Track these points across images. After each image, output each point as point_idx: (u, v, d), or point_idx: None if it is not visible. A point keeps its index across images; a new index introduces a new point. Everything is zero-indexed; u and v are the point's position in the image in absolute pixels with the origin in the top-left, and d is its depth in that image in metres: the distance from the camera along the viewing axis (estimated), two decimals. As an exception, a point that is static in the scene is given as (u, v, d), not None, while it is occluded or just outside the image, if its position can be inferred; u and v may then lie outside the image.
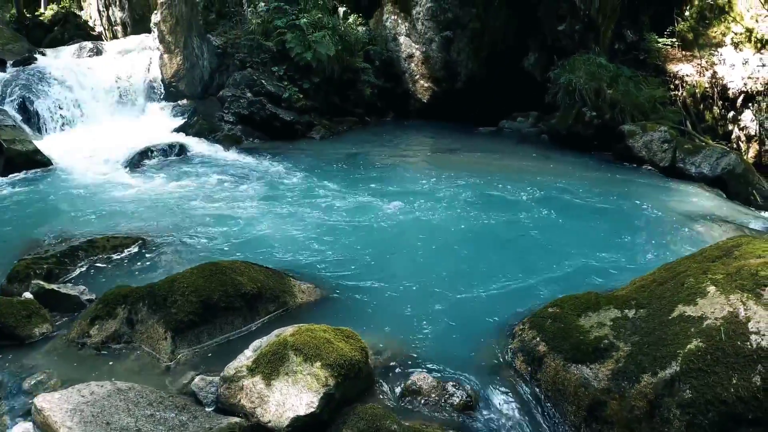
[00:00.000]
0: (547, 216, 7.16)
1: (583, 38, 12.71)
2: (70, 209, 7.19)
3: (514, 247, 6.15)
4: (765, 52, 11.66)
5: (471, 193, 7.85)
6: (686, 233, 7.13)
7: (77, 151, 10.24)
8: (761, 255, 3.69)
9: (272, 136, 11.28)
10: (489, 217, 6.98)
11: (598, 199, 7.93)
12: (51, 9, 21.16)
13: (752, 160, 11.41)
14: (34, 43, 16.63)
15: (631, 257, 6.00)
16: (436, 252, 5.94)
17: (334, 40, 12.00)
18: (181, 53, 13.45)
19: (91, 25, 21.27)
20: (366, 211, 7.02)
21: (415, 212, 7.03)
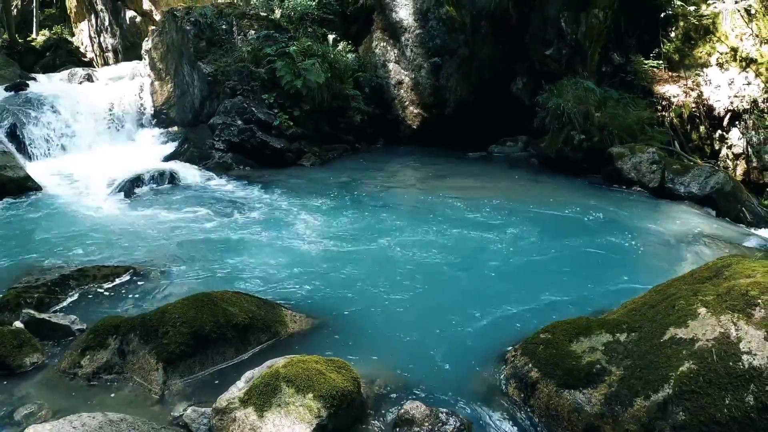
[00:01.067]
0: (538, 240, 7.18)
1: (570, 62, 12.84)
2: (60, 237, 7.16)
3: (505, 273, 6.14)
4: (750, 71, 11.81)
5: (461, 220, 7.86)
6: (677, 254, 7.16)
7: (68, 178, 10.24)
8: (751, 274, 3.72)
9: (263, 163, 11.28)
10: (480, 243, 7.00)
11: (588, 223, 7.96)
12: (43, 35, 21.27)
13: (741, 177, 11.51)
14: (26, 68, 16.66)
15: (623, 279, 6.01)
16: (427, 279, 5.93)
17: (323, 68, 12.07)
18: (172, 80, 13.50)
19: (83, 52, 21.37)
20: (357, 240, 7.01)
21: (405, 240, 7.02)
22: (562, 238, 7.30)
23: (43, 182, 9.76)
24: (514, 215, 8.10)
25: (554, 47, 12.94)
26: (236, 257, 6.42)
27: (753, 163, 11.67)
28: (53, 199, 9.14)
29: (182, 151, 11.52)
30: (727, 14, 12.08)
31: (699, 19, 12.26)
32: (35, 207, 8.74)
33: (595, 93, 11.66)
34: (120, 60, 19.58)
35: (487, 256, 6.60)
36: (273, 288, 5.53)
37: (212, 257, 6.41)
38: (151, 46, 14.10)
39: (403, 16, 13.06)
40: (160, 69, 13.79)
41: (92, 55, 21.24)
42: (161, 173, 10.08)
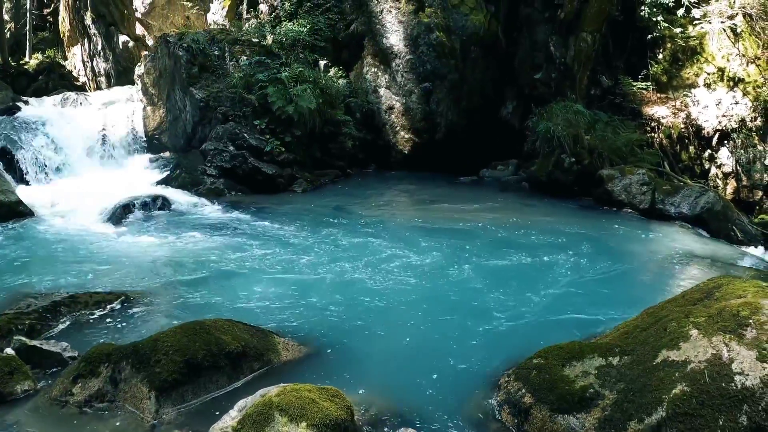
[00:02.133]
0: (530, 264, 7.19)
1: (559, 86, 12.96)
2: (52, 262, 7.13)
3: (497, 297, 6.14)
4: (738, 90, 11.94)
5: (453, 245, 7.86)
6: (669, 274, 7.19)
7: (60, 202, 10.20)
8: (742, 295, 3.74)
9: (255, 189, 11.28)
10: (471, 268, 7.00)
11: (579, 245, 7.97)
12: (36, 58, 21.30)
13: (731, 196, 11.59)
14: (18, 91, 16.63)
15: (615, 301, 6.02)
16: (419, 305, 5.92)
17: (315, 94, 12.13)
18: (164, 106, 13.54)
19: (75, 76, 21.39)
20: (349, 266, 6.98)
21: (398, 266, 7.01)
22: (554, 261, 7.31)
23: (34, 207, 9.73)
24: (506, 240, 8.12)
25: (543, 71, 13.07)
26: (228, 284, 6.40)
27: (743, 181, 11.77)
28: (45, 224, 9.11)
29: (174, 176, 11.52)
30: (714, 35, 12.24)
31: (686, 40, 12.42)
32: (26, 232, 8.70)
33: (585, 116, 11.77)
34: (112, 84, 19.62)
35: (480, 281, 6.60)
36: (265, 315, 5.51)
37: (204, 284, 6.39)
38: (143, 71, 14.16)
39: (394, 41, 13.17)
40: (153, 94, 13.84)
41: (85, 79, 21.29)
42: (153, 199, 10.05)
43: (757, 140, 11.76)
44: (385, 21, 13.26)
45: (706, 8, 12.25)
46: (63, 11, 21.84)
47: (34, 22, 22.98)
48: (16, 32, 23.52)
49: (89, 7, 20.32)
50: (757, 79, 11.86)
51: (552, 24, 13.09)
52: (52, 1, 24.10)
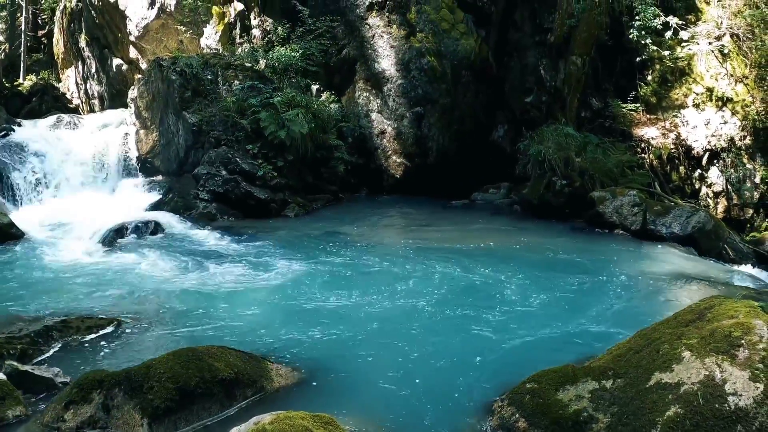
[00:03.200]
0: (522, 287, 7.19)
1: (550, 109, 13.08)
2: (43, 286, 7.10)
3: (490, 321, 6.13)
4: (726, 110, 12.06)
5: (446, 269, 7.84)
6: (661, 296, 7.21)
7: (52, 225, 10.21)
8: (733, 315, 3.76)
9: (247, 214, 11.28)
10: (465, 292, 7.00)
11: (572, 268, 7.99)
12: (30, 80, 21.38)
13: (722, 215, 11.66)
14: (12, 113, 16.64)
15: (608, 324, 6.03)
16: (412, 330, 5.90)
17: (307, 118, 12.19)
18: (157, 129, 13.56)
19: (69, 98, 21.50)
20: (342, 292, 6.96)
21: (390, 291, 7.00)
22: (547, 284, 7.32)
23: (26, 229, 9.71)
24: (499, 263, 8.10)
25: (534, 95, 13.20)
26: (221, 310, 6.38)
27: (733, 200, 11.84)
28: (37, 247, 9.08)
29: (167, 200, 11.52)
30: (702, 56, 12.38)
31: (674, 61, 12.55)
32: (18, 255, 8.69)
33: (575, 139, 11.86)
34: (106, 107, 19.72)
35: (472, 305, 6.59)
36: (258, 341, 5.48)
37: (197, 309, 6.36)
38: (137, 94, 14.21)
39: (386, 66, 13.28)
40: (146, 118, 13.87)
41: (78, 101, 21.37)
42: (145, 223, 10.04)
43: (747, 159, 11.86)
44: (377, 46, 13.38)
45: (694, 30, 12.41)
46: (57, 33, 22.00)
47: (29, 43, 23.15)
48: (11, 53, 23.66)
49: (83, 29, 20.47)
50: (746, 98, 11.99)
51: (542, 48, 13.25)
52: (46, 23, 24.26)
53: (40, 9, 24.11)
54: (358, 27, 13.64)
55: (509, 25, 13.60)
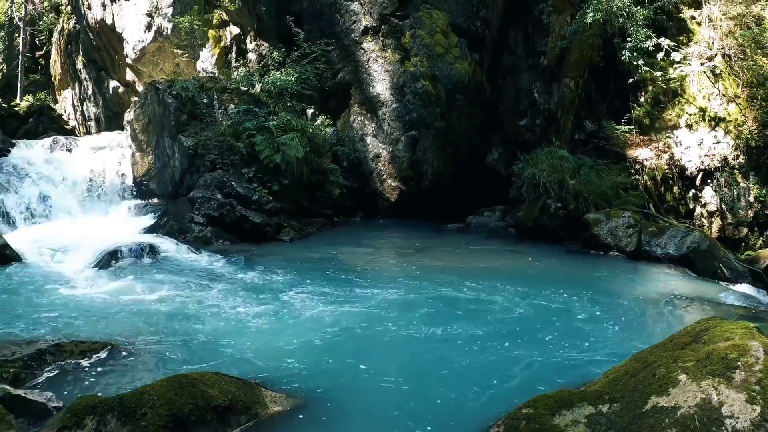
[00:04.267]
0: (518, 311, 7.17)
1: (544, 131, 13.15)
2: (37, 309, 7.06)
3: (486, 346, 6.10)
4: (719, 129, 12.13)
5: (441, 293, 7.82)
6: (657, 317, 7.20)
7: (47, 247, 10.13)
8: (729, 337, 3.75)
9: (242, 237, 11.26)
10: (460, 317, 6.96)
11: (567, 291, 7.97)
12: (27, 100, 21.44)
13: (716, 234, 11.67)
14: (8, 133, 16.65)
15: (604, 347, 6.01)
16: (407, 355, 5.88)
17: (302, 142, 12.22)
18: (153, 152, 13.59)
19: (66, 119, 21.57)
20: (336, 317, 6.92)
21: (386, 315, 6.97)
22: (542, 307, 7.31)
23: (21, 251, 9.67)
24: (494, 287, 8.09)
25: (528, 117, 13.28)
26: (215, 335, 6.33)
27: (727, 219, 11.87)
28: (31, 269, 9.05)
29: (162, 223, 11.51)
30: (694, 76, 12.47)
31: (667, 82, 12.65)
32: (12, 277, 8.64)
33: (569, 161, 11.92)
34: (102, 129, 19.79)
35: (469, 330, 6.55)
36: (253, 367, 5.44)
37: (191, 334, 6.33)
38: (133, 117, 14.25)
39: (380, 90, 13.35)
40: (142, 140, 13.91)
41: (75, 123, 21.45)
42: (141, 246, 10.00)
43: (740, 178, 11.91)
44: (372, 70, 13.47)
45: (686, 51, 12.52)
46: (55, 55, 22.13)
47: (26, 64, 23.25)
48: (8, 73, 23.77)
49: (81, 51, 20.60)
50: (738, 117, 12.07)
51: (535, 71, 13.37)
52: (44, 44, 24.40)
53: (38, 30, 24.28)
54: (353, 51, 13.75)
55: (503, 49, 13.72)
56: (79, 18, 20.17)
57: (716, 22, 12.57)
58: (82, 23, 19.81)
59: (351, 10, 13.72)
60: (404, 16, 13.33)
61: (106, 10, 18.41)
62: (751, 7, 12.32)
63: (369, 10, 13.55)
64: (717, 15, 12.55)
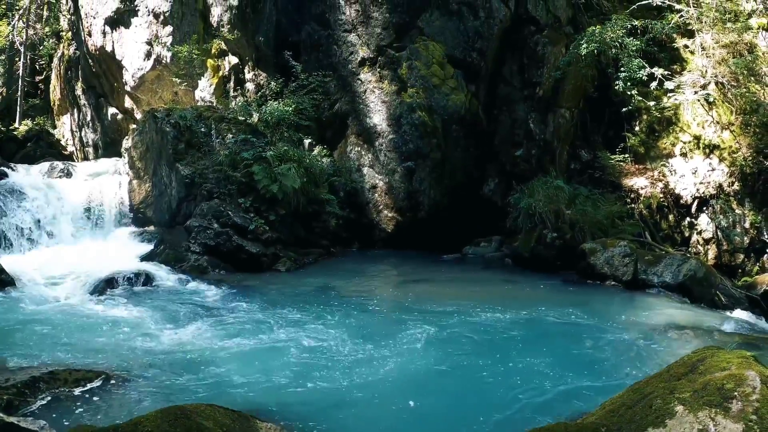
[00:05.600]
0: (514, 343, 7.15)
1: (540, 162, 13.23)
2: (31, 335, 7.03)
3: (482, 378, 6.08)
4: (714, 157, 12.22)
5: (437, 325, 7.75)
6: (655, 347, 7.19)
7: (42, 273, 10.11)
8: (725, 367, 3.74)
9: (238, 267, 11.22)
10: (456, 348, 6.92)
11: (564, 321, 7.97)
12: (25, 124, 21.53)
13: (713, 262, 11.70)
14: (6, 157, 16.66)
15: (601, 378, 6.00)
16: (405, 388, 5.83)
17: (299, 173, 12.26)
18: (150, 180, 13.61)
19: (64, 144, 21.61)
20: (333, 349, 6.88)
21: (383, 348, 6.91)
22: (539, 338, 7.30)
23: (16, 275, 9.64)
24: (490, 319, 8.07)
25: (524, 148, 13.36)
26: (211, 365, 6.29)
27: (723, 246, 11.91)
28: (26, 295, 9.01)
29: (158, 252, 11.48)
30: (688, 104, 12.60)
31: (661, 111, 12.77)
32: (7, 302, 8.60)
33: (565, 191, 11.98)
34: (100, 155, 19.80)
35: (464, 361, 6.54)
36: (248, 398, 5.40)
37: (185, 364, 6.29)
38: (131, 144, 14.29)
39: (377, 121, 13.44)
40: (139, 168, 13.94)
41: (73, 148, 21.49)
42: (137, 274, 10.00)
43: (736, 204, 11.98)
44: (369, 101, 13.57)
45: (679, 79, 12.66)
46: (54, 80, 22.27)
47: (26, 88, 23.42)
48: (8, 97, 23.92)
49: (80, 77, 20.72)
50: (732, 144, 12.17)
51: (531, 102, 13.48)
52: (44, 69, 24.57)
53: (38, 55, 24.48)
54: (350, 82, 13.86)
55: (498, 80, 13.84)
56: (79, 44, 20.31)
57: (709, 50, 12.74)
58: (83, 50, 19.96)
59: (348, 41, 13.87)
60: (401, 48, 13.46)
61: (107, 37, 18.57)
62: (743, 35, 12.50)
63: (366, 42, 13.69)
64: (710, 43, 12.72)
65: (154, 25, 17.29)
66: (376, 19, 13.56)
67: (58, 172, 14.92)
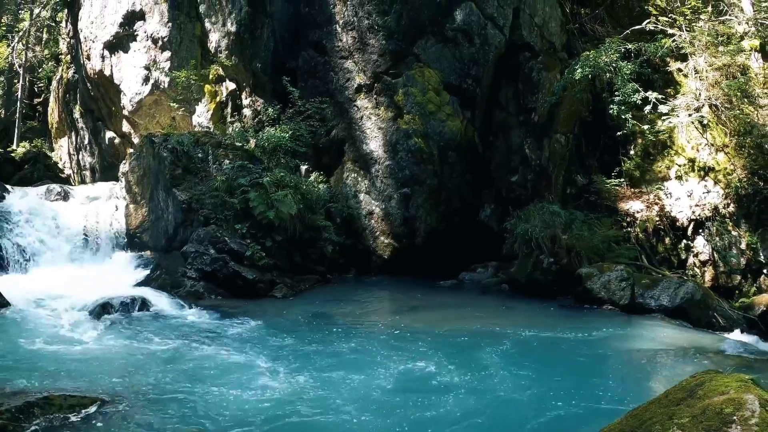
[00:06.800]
0: (512, 370, 7.10)
1: (535, 187, 13.26)
2: (26, 359, 7.00)
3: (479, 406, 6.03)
4: (709, 179, 12.27)
5: (433, 353, 7.72)
6: (653, 371, 7.18)
7: (38, 295, 10.08)
8: (724, 391, 3.72)
9: (235, 293, 11.16)
10: (452, 377, 6.85)
11: (562, 348, 7.95)
12: (23, 146, 21.59)
13: (710, 283, 11.69)
14: (4, 179, 16.64)
15: (600, 404, 5.97)
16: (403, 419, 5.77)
17: (296, 199, 12.26)
18: (147, 205, 13.61)
19: (61, 167, 21.61)
20: (330, 378, 6.81)
21: (379, 376, 6.86)
22: (537, 364, 7.26)
23: (11, 298, 9.61)
24: (487, 345, 8.01)
25: (520, 174, 13.41)
26: (206, 393, 6.23)
27: (720, 268, 11.91)
28: (21, 317, 9.01)
29: (154, 277, 11.45)
30: (683, 127, 12.68)
31: (655, 134, 12.85)
32: (1, 325, 8.56)
33: (561, 216, 12.00)
34: (97, 179, 19.80)
35: (461, 389, 6.47)
36: (243, 428, 5.35)
37: (180, 391, 6.24)
38: (128, 169, 14.31)
39: (373, 147, 13.49)
40: (136, 192, 13.94)
41: (70, 171, 21.49)
42: (132, 299, 9.96)
43: (732, 226, 12.01)
44: (365, 127, 13.64)
45: (673, 103, 12.76)
46: (53, 103, 22.36)
47: (24, 110, 23.53)
48: (6, 119, 24.01)
49: (78, 101, 20.79)
50: (727, 166, 12.23)
51: (526, 127, 13.56)
52: (42, 92, 24.68)
53: (37, 77, 24.64)
54: (346, 109, 13.94)
55: (494, 106, 13.93)
56: (78, 68, 20.42)
57: (702, 73, 12.87)
58: (81, 73, 20.06)
59: (345, 68, 13.98)
60: (397, 75, 13.57)
61: (105, 61, 18.68)
62: (735, 57, 12.63)
63: (363, 69, 13.80)
64: (703, 66, 12.85)
65: (152, 50, 17.40)
66: (373, 46, 13.69)
67: (55, 195, 14.89)
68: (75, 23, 20.07)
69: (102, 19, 18.52)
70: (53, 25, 24.97)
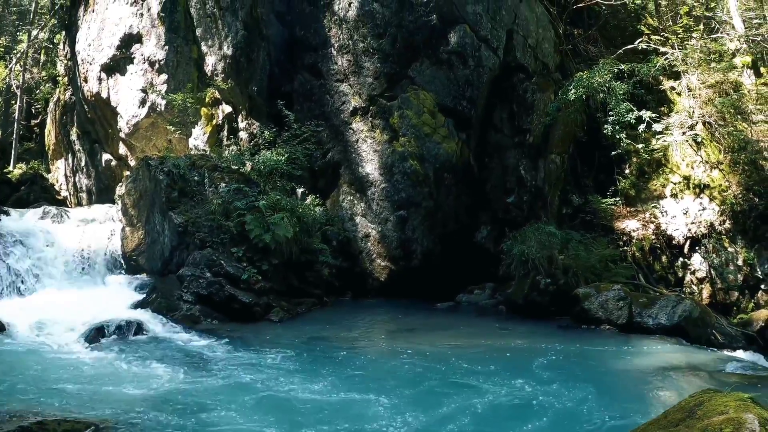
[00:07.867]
0: (510, 392, 7.06)
1: (531, 208, 13.29)
2: (20, 382, 6.95)
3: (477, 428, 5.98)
4: (704, 196, 12.32)
5: (431, 377, 7.68)
6: (652, 391, 7.15)
7: (34, 318, 9.98)
8: (723, 411, 3.71)
9: (231, 317, 11.08)
10: (450, 401, 6.81)
11: (559, 368, 7.90)
12: (20, 168, 21.60)
13: (707, 301, 11.71)
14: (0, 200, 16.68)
15: (600, 425, 5.93)
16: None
17: (292, 222, 12.24)
18: (143, 228, 13.57)
19: (58, 189, 21.59)
20: (326, 402, 6.77)
21: (377, 401, 6.80)
22: (535, 387, 7.21)
23: (6, 321, 9.56)
24: (485, 368, 7.96)
25: (515, 195, 13.44)
26: (200, 418, 6.19)
27: (717, 284, 11.93)
28: (15, 340, 8.97)
29: (150, 300, 11.38)
30: (677, 145, 12.76)
31: (650, 153, 12.91)
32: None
33: (557, 236, 12.02)
34: (93, 201, 19.72)
35: (459, 413, 6.43)
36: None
37: (175, 416, 6.19)
38: (124, 191, 14.29)
39: (369, 170, 13.51)
40: (132, 215, 13.91)
41: (66, 193, 21.46)
42: (128, 323, 9.92)
43: (728, 243, 12.05)
44: (361, 150, 13.67)
45: (667, 121, 12.85)
46: (50, 124, 22.41)
47: (21, 132, 23.59)
48: (3, 140, 24.05)
49: (75, 123, 20.84)
50: (722, 183, 12.28)
51: (521, 148, 13.61)
52: (40, 113, 24.74)
53: (34, 99, 24.71)
54: (342, 132, 13.98)
55: (489, 128, 13.99)
56: (75, 90, 20.47)
57: (695, 91, 12.99)
58: (78, 95, 20.10)
59: (340, 91, 14.04)
60: (392, 97, 13.62)
61: (102, 83, 18.73)
62: (728, 74, 12.74)
63: (358, 91, 13.87)
64: (696, 84, 12.97)
65: (149, 73, 17.46)
66: (368, 69, 13.76)
67: (51, 217, 14.82)
68: (72, 45, 20.15)
69: (99, 41, 18.60)
70: (51, 47, 25.14)
